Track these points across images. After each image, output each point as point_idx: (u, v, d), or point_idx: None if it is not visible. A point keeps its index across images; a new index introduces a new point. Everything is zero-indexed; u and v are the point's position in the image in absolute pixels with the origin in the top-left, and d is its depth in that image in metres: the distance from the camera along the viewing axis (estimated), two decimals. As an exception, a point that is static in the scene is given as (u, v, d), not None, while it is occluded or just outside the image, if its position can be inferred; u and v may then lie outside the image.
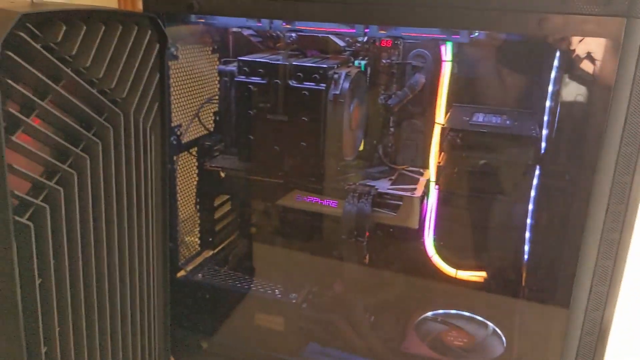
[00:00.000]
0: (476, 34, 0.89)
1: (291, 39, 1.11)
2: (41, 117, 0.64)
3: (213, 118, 1.19)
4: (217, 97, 1.19)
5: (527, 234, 0.98)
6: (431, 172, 1.04)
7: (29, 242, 0.63)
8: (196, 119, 1.13)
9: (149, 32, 0.81)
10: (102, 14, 0.73)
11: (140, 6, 2.29)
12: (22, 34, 0.58)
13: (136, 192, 0.83)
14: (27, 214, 0.63)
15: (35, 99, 0.61)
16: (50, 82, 0.63)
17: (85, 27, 0.67)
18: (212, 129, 1.19)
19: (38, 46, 0.60)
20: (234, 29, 1.15)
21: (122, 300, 0.83)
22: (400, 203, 0.97)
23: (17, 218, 0.61)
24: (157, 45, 0.84)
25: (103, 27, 0.70)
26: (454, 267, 1.07)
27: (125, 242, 0.82)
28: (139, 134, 0.82)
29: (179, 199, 1.10)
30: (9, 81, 0.57)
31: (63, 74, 0.65)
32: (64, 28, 0.63)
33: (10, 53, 0.56)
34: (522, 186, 0.96)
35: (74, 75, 0.66)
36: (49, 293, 0.67)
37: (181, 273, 1.10)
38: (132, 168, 0.81)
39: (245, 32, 1.14)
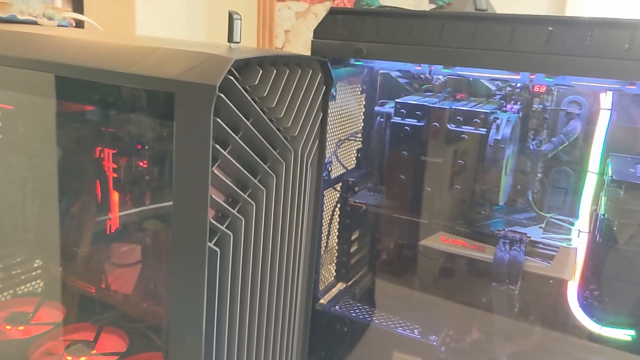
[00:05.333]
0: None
1: (439, 81, 1.13)
2: (232, 151, 0.70)
3: (355, 155, 1.23)
4: (359, 135, 1.23)
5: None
6: (582, 222, 1.01)
7: (214, 267, 0.69)
8: (342, 156, 1.17)
9: (320, 74, 0.86)
10: (284, 58, 0.79)
11: (276, 44, 2.43)
12: (230, 77, 0.64)
13: (295, 223, 0.88)
14: (214, 240, 0.69)
15: (232, 134, 0.67)
16: (245, 120, 0.69)
17: (275, 71, 0.73)
18: (353, 166, 1.22)
19: (241, 88, 0.66)
20: (382, 70, 1.19)
21: (275, 326, 0.87)
22: (554, 253, 0.94)
23: (209, 244, 0.66)
24: (324, 87, 0.89)
25: (287, 71, 0.76)
26: (600, 323, 1.01)
27: (283, 271, 0.86)
28: (303, 169, 0.87)
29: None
30: (218, 119, 0.63)
31: (253, 113, 0.71)
32: (260, 72, 0.69)
33: (221, 95, 0.63)
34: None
35: (262, 115, 0.72)
36: (223, 314, 0.73)
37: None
38: (295, 201, 0.86)
39: (393, 74, 1.18)
